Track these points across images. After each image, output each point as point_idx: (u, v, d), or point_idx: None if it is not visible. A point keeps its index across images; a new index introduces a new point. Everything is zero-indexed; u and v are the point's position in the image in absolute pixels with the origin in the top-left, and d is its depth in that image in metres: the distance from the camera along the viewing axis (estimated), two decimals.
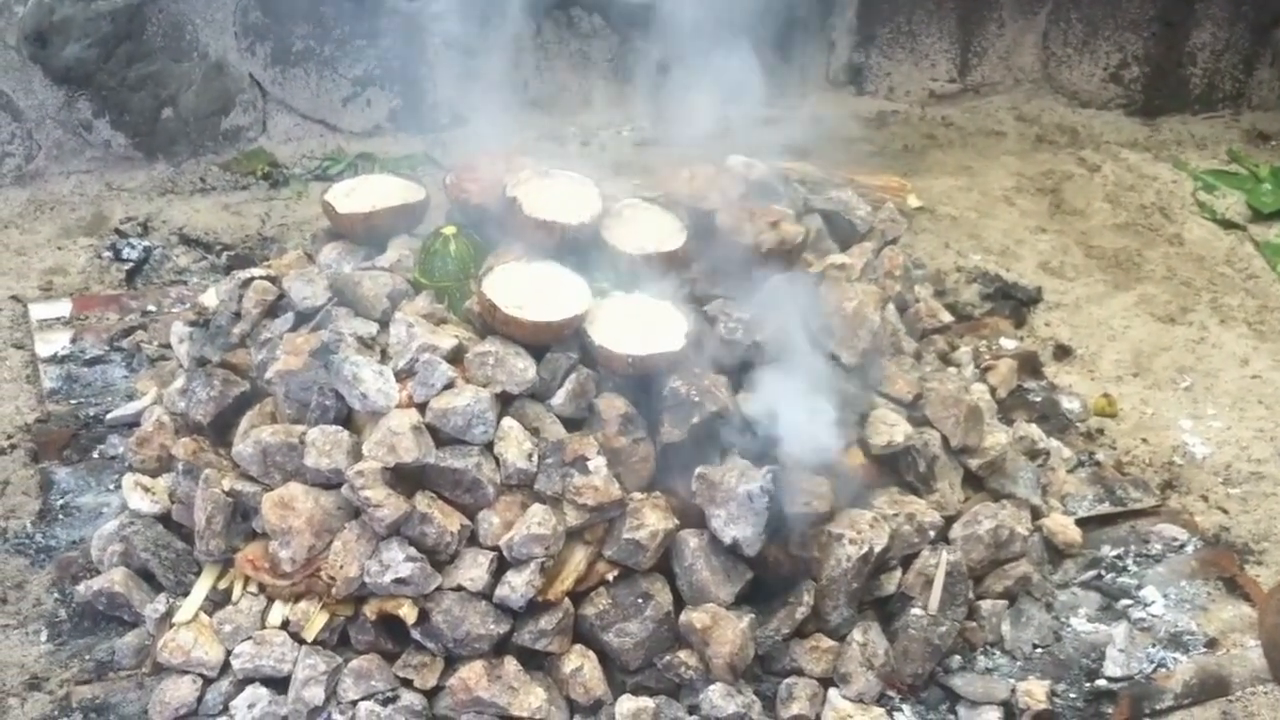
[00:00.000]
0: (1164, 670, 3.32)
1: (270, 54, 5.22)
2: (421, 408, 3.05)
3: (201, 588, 3.18)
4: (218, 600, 3.17)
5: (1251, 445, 4.09)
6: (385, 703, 3.02)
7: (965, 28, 5.88)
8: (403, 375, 3.09)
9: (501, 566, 3.04)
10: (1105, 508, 3.78)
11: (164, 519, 3.31)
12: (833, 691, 3.13)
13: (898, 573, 3.28)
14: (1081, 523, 3.67)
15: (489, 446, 3.08)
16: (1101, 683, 3.28)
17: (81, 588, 3.26)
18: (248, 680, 3.07)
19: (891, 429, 3.36)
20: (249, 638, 3.08)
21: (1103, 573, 3.58)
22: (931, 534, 3.31)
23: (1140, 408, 4.24)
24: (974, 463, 3.52)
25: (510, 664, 3.03)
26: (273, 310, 3.50)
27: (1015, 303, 4.66)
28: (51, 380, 4.02)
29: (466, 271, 3.37)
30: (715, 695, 3.04)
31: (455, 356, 3.12)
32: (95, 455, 3.74)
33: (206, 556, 3.18)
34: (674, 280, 3.36)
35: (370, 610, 3.04)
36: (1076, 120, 5.93)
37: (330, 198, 3.66)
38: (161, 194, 5.05)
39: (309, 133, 5.39)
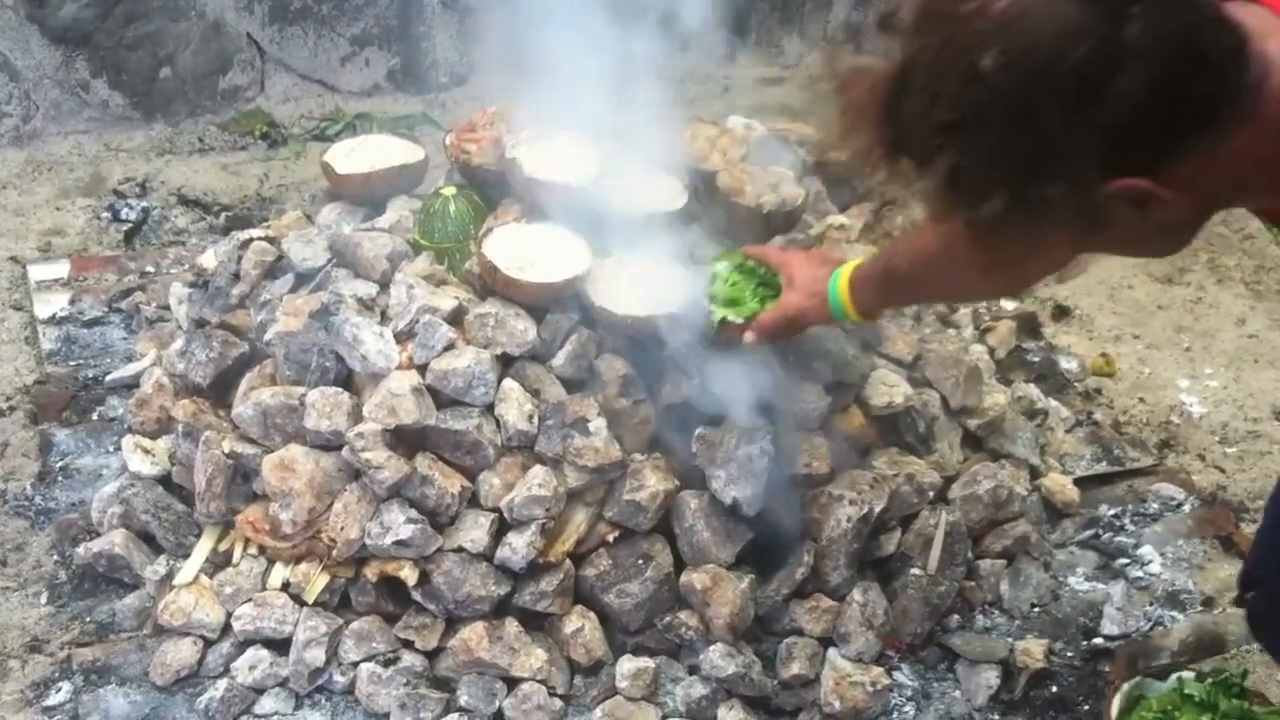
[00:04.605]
0: (1161, 628, 3.33)
1: (268, 13, 5.21)
2: (422, 369, 3.05)
3: (202, 550, 3.19)
4: (218, 562, 3.18)
5: (1248, 404, 4.10)
6: (386, 664, 3.03)
7: None
8: (403, 337, 3.09)
9: (502, 528, 3.05)
10: (1103, 467, 3.79)
11: (164, 481, 3.32)
12: (832, 651, 3.14)
13: (897, 533, 3.28)
14: (1079, 482, 3.68)
15: (489, 408, 3.08)
16: (1099, 641, 3.29)
17: (81, 550, 3.27)
18: (249, 642, 3.08)
19: (891, 390, 3.36)
20: (250, 600, 3.09)
21: (1100, 532, 3.60)
22: (931, 494, 3.31)
23: (1138, 367, 4.24)
24: (973, 423, 3.53)
25: (511, 625, 3.04)
26: (272, 271, 3.50)
27: None
28: (50, 342, 4.02)
29: (466, 232, 3.36)
30: (715, 655, 3.05)
31: (455, 318, 3.12)
32: (95, 417, 3.75)
33: (207, 518, 3.19)
34: (675, 241, 3.35)
35: (371, 572, 3.04)
36: None
37: (329, 158, 3.65)
38: (160, 154, 5.05)
39: (307, 92, 5.39)
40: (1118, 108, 1.68)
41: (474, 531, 3.02)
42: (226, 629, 3.10)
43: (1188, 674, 3.05)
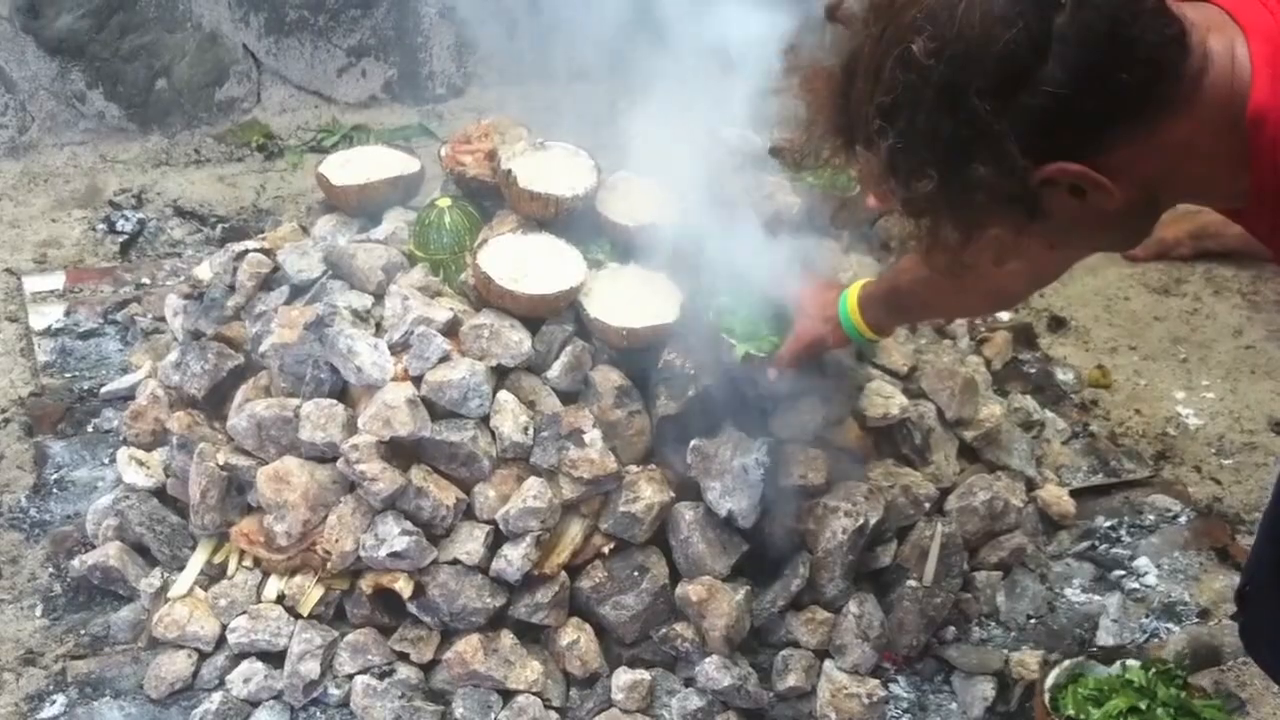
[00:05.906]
0: (1157, 640, 3.33)
1: (264, 24, 5.21)
2: (417, 381, 3.05)
3: (196, 562, 3.18)
4: (213, 574, 3.18)
5: (1244, 416, 4.09)
6: (381, 676, 3.03)
7: None
8: (398, 348, 3.09)
9: (497, 540, 3.04)
10: (1099, 479, 3.79)
11: (159, 493, 3.32)
12: (828, 663, 3.14)
13: (893, 545, 3.28)
14: (1075, 494, 3.67)
15: (485, 420, 3.07)
16: (1095, 653, 3.28)
17: (76, 562, 3.27)
18: (243, 654, 3.08)
19: (887, 401, 3.35)
20: (244, 612, 3.08)
21: (1096, 543, 3.59)
22: (927, 506, 3.31)
23: (1134, 379, 4.24)
24: (969, 434, 3.52)
25: (506, 637, 3.04)
26: (267, 283, 3.49)
27: None
28: (46, 353, 4.01)
29: (462, 244, 3.36)
30: (711, 667, 3.04)
31: (450, 329, 3.12)
32: (90, 429, 3.74)
33: (201, 530, 3.19)
34: (669, 252, 3.35)
35: (366, 584, 3.04)
36: None
37: (325, 169, 3.65)
38: (156, 166, 5.05)
39: (304, 104, 5.38)
40: (1044, 93, 1.72)
41: (469, 543, 3.02)
42: (221, 641, 3.09)
43: (1133, 661, 3.06)
